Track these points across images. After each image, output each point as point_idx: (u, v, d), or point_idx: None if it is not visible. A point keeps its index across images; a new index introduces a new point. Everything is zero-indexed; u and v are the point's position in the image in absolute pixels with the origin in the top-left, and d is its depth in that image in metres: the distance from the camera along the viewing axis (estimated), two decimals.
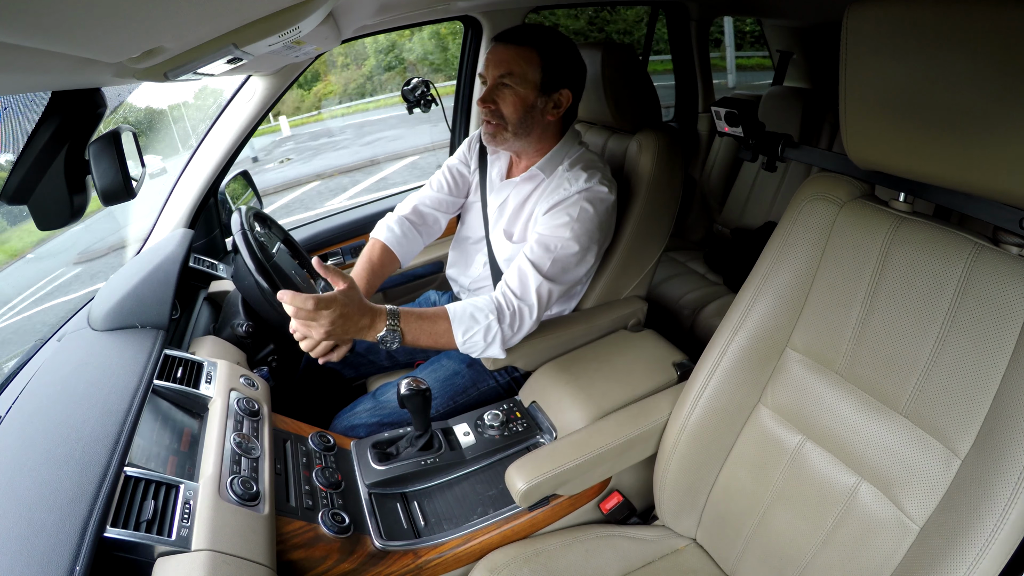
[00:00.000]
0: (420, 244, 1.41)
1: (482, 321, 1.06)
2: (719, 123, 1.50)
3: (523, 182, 1.24)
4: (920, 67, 0.65)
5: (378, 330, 1.00)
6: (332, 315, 0.94)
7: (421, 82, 1.88)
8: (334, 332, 0.96)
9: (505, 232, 1.27)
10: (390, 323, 1.01)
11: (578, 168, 1.17)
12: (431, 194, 1.41)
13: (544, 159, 1.21)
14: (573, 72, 1.18)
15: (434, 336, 1.05)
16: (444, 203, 1.41)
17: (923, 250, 0.74)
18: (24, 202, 0.79)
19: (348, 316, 0.96)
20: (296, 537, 0.88)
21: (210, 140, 1.53)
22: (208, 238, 1.69)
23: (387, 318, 1.00)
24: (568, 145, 1.23)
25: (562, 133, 1.23)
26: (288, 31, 0.70)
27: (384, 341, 1.01)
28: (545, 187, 1.21)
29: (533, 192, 1.23)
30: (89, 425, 0.77)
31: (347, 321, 0.96)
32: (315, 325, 0.94)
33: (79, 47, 0.48)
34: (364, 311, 0.99)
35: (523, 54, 1.12)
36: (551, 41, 1.14)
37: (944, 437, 0.71)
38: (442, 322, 1.05)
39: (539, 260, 1.10)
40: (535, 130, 1.19)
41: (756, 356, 0.92)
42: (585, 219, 1.12)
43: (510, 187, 1.27)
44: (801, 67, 2.53)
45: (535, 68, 1.13)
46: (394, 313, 1.01)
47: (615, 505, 1.11)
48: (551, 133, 1.22)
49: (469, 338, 1.06)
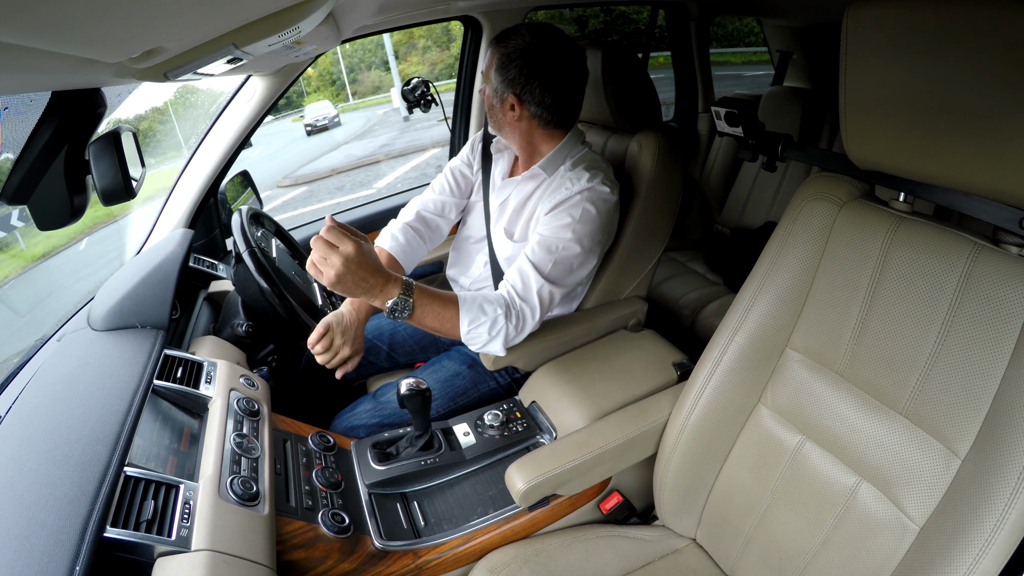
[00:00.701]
0: (424, 250, 1.40)
1: (490, 314, 1.05)
2: (719, 123, 1.50)
3: (524, 181, 1.24)
4: (920, 67, 0.65)
5: (389, 296, 0.97)
6: (349, 254, 0.91)
7: (421, 82, 1.88)
8: (344, 278, 0.92)
9: (506, 231, 1.27)
10: (403, 292, 0.98)
11: (580, 168, 1.17)
12: (433, 197, 1.41)
13: (546, 158, 1.21)
14: (525, 80, 1.13)
15: (441, 319, 1.04)
16: (447, 206, 1.41)
17: (923, 250, 0.74)
18: (24, 202, 0.79)
19: (363, 266, 0.93)
20: (296, 537, 0.88)
21: (210, 140, 1.53)
22: (208, 238, 1.69)
23: (402, 286, 0.98)
24: (571, 145, 1.22)
25: (560, 133, 1.21)
26: (288, 31, 0.70)
27: (393, 310, 0.99)
28: (547, 186, 1.21)
29: (535, 191, 1.23)
30: (89, 425, 0.77)
31: (361, 270, 0.93)
32: (331, 258, 0.91)
33: (79, 47, 0.48)
34: (378, 270, 0.96)
35: (490, 55, 1.15)
36: (514, 42, 1.12)
37: (944, 437, 0.71)
38: (452, 307, 1.04)
39: (541, 262, 1.09)
40: (506, 130, 1.21)
41: (756, 356, 0.92)
42: (587, 220, 1.12)
43: (512, 186, 1.27)
44: (801, 67, 2.53)
45: (491, 68, 1.15)
46: (409, 284, 1.00)
47: (615, 505, 1.11)
48: (537, 135, 1.20)
49: (474, 328, 1.05)
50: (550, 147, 1.21)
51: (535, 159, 1.23)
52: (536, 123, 1.18)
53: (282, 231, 1.53)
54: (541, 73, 1.12)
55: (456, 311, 1.04)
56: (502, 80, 1.14)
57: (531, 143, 1.21)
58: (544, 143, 1.21)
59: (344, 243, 0.92)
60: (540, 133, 1.20)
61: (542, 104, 1.15)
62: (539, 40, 1.12)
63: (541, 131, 1.20)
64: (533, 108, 1.15)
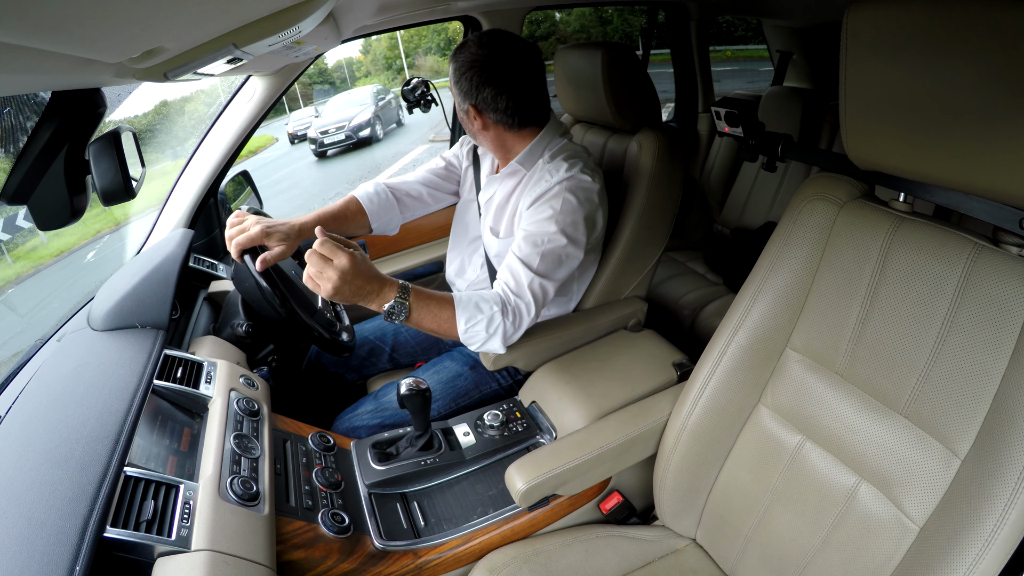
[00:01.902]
0: (397, 216, 1.39)
1: (486, 312, 1.05)
2: (719, 123, 1.50)
3: (506, 177, 1.24)
4: (920, 67, 0.65)
5: (386, 300, 0.99)
6: (344, 267, 0.93)
7: (421, 82, 1.88)
8: (341, 289, 0.94)
9: (491, 228, 1.27)
10: (399, 296, 1.00)
11: (559, 159, 1.16)
12: (420, 174, 1.43)
13: (523, 153, 1.20)
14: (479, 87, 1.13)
15: (438, 320, 1.04)
16: (430, 182, 1.42)
17: (923, 250, 0.74)
18: (24, 202, 0.79)
19: (359, 275, 0.95)
20: (296, 537, 0.88)
21: (210, 140, 1.53)
22: (208, 238, 1.69)
23: (397, 290, 1.00)
24: (548, 137, 1.21)
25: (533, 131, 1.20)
26: (288, 31, 0.70)
27: (391, 313, 1.00)
28: (527, 181, 1.20)
29: (516, 187, 1.23)
30: (89, 425, 0.77)
31: (357, 279, 0.95)
32: (328, 271, 0.93)
33: (79, 47, 0.48)
34: (373, 276, 0.98)
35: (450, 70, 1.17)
36: (462, 58, 1.13)
37: (944, 437, 0.71)
38: (448, 307, 1.05)
39: (528, 257, 1.09)
40: (478, 137, 1.22)
41: (756, 356, 0.92)
42: (569, 210, 1.11)
43: (496, 183, 1.27)
44: (801, 67, 2.53)
45: (452, 85, 1.17)
46: (405, 287, 1.01)
47: (615, 505, 1.11)
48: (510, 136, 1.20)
49: (471, 327, 1.05)
50: (524, 145, 1.21)
51: (510, 156, 1.23)
52: (501, 128, 1.18)
53: None
54: (492, 80, 1.12)
55: (453, 311, 1.04)
56: (459, 93, 1.16)
57: (504, 146, 1.22)
58: (517, 143, 1.21)
59: (338, 256, 0.93)
60: (510, 136, 1.20)
61: (499, 109, 1.14)
62: (486, 48, 1.12)
63: (510, 133, 1.20)
64: (493, 115, 1.16)
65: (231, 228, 1.14)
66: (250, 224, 1.14)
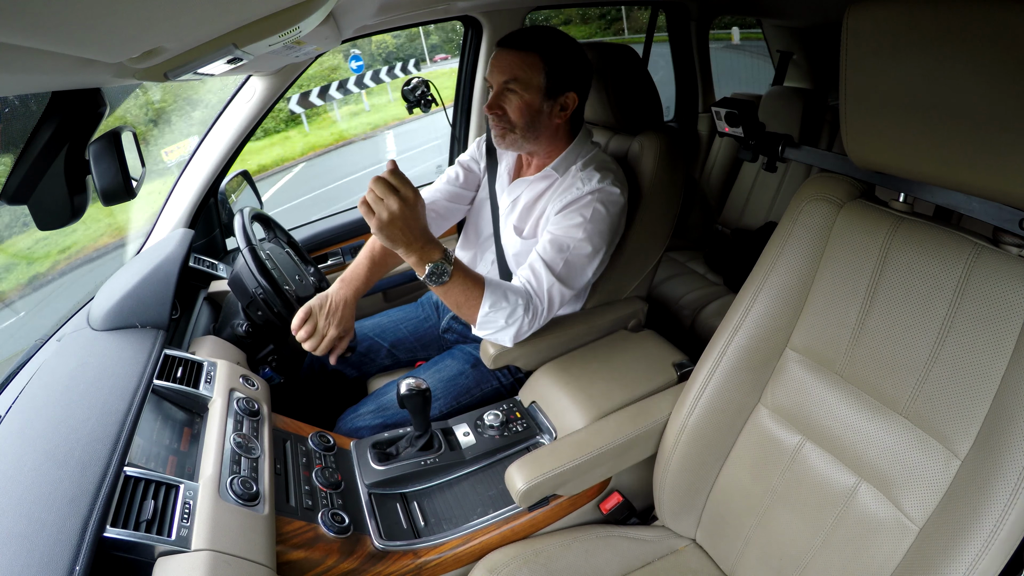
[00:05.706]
0: None
1: (511, 303, 1.06)
2: (719, 123, 1.50)
3: (537, 181, 1.25)
4: (920, 67, 0.65)
5: (431, 258, 0.98)
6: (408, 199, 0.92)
7: (421, 82, 1.88)
8: (395, 222, 0.92)
9: (515, 228, 1.27)
10: (443, 258, 0.99)
11: (591, 168, 1.18)
12: (440, 187, 1.42)
13: (558, 159, 1.22)
14: (578, 74, 1.17)
15: (468, 295, 1.04)
16: (453, 195, 1.41)
17: (923, 250, 0.74)
18: (24, 202, 0.79)
19: (416, 218, 0.94)
20: (296, 537, 0.88)
21: (210, 140, 1.53)
22: (208, 238, 1.69)
23: (443, 254, 1.00)
24: (581, 145, 1.23)
25: (573, 133, 1.24)
26: (288, 31, 0.70)
27: (433, 272, 0.99)
28: (558, 186, 1.21)
29: (546, 191, 1.24)
30: (89, 425, 0.77)
31: (413, 221, 0.94)
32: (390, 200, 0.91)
33: (79, 47, 0.48)
34: (425, 230, 0.98)
35: (527, 59, 1.13)
36: (554, 44, 1.14)
37: (944, 437, 0.71)
38: (479, 287, 1.05)
39: (552, 260, 1.10)
40: (543, 133, 1.19)
41: (756, 356, 0.92)
42: (598, 220, 1.12)
43: (524, 185, 1.27)
44: (801, 67, 2.53)
45: (539, 73, 1.13)
46: (450, 255, 1.01)
47: (615, 505, 1.11)
48: (562, 134, 1.22)
49: (492, 312, 1.05)
50: (565, 146, 1.23)
51: (547, 160, 1.24)
52: (568, 126, 1.21)
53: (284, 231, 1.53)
54: (587, 70, 1.18)
55: (481, 291, 1.05)
56: (558, 78, 1.14)
57: (551, 143, 1.22)
58: (563, 141, 1.23)
59: (406, 188, 0.93)
60: (564, 131, 1.22)
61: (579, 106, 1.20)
62: (566, 39, 1.16)
63: (566, 129, 1.22)
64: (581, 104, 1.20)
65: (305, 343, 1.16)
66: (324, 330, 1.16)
